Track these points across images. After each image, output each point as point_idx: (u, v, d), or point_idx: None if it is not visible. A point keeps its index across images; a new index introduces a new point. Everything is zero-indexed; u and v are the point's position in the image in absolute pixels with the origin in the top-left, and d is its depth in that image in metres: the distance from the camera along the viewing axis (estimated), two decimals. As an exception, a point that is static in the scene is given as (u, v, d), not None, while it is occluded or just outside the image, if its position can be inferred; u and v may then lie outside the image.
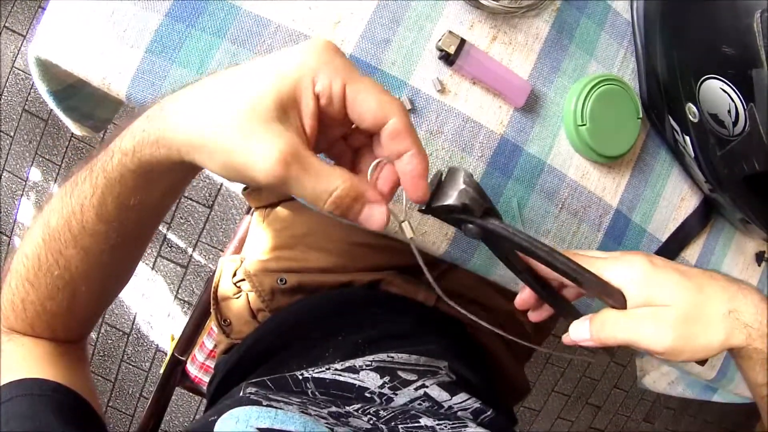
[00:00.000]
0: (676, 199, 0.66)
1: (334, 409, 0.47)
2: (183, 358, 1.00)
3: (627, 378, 2.14)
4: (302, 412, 0.42)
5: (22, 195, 1.61)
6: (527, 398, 2.01)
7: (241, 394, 0.46)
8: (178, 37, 0.49)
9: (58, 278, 0.44)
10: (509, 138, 0.56)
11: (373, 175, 0.36)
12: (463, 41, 0.51)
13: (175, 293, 1.67)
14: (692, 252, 0.69)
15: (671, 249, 0.67)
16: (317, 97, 0.33)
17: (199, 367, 1.01)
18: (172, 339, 1.02)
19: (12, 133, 1.59)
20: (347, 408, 0.49)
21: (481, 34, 0.54)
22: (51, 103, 0.57)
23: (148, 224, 0.46)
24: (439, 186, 0.38)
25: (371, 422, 0.47)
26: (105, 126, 0.77)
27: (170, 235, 1.64)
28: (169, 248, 1.64)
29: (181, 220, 1.64)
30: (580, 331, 0.46)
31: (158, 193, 0.41)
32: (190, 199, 1.62)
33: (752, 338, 0.45)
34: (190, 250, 1.65)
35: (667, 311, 0.44)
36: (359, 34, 0.52)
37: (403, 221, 0.38)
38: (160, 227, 1.63)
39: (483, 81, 0.53)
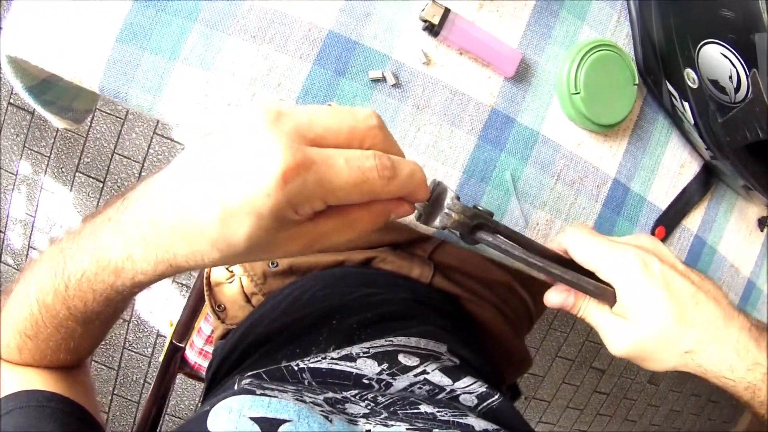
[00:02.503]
0: (675, 166, 0.64)
1: (330, 395, 0.47)
2: (181, 345, 1.00)
3: (630, 341, 2.15)
4: (297, 399, 0.41)
5: (13, 189, 1.59)
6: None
7: (236, 386, 0.45)
8: (148, 23, 0.46)
9: (60, 340, 0.44)
10: (500, 109, 0.54)
11: None
12: (447, 11, 0.48)
13: (172, 277, 1.66)
14: (693, 220, 0.67)
15: (671, 217, 0.65)
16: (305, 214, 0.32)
17: (198, 352, 1.01)
18: (171, 325, 1.02)
19: (-1, 129, 1.56)
20: (344, 393, 0.48)
21: (467, 1, 0.51)
22: (28, 99, 0.57)
23: None
24: (430, 201, 0.40)
25: (369, 407, 0.46)
26: (85, 117, 0.75)
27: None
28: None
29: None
30: (558, 300, 0.49)
31: None
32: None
33: (706, 376, 0.46)
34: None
35: (634, 328, 0.45)
36: (338, 8, 0.49)
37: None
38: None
39: (470, 51, 0.50)
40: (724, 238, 0.70)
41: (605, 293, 0.46)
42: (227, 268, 0.81)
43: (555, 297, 0.49)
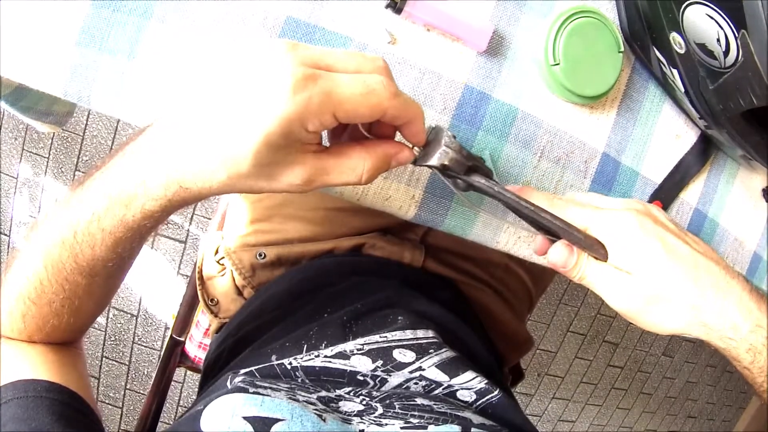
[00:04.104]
0: (669, 136, 0.61)
1: (323, 393, 0.46)
2: (181, 339, 0.99)
3: (643, 314, 2.12)
4: (290, 398, 0.41)
5: (15, 192, 1.59)
6: (543, 340, 2.00)
7: (228, 384, 0.44)
8: (104, 25, 0.45)
9: (64, 300, 0.44)
10: (474, 86, 0.51)
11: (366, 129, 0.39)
12: (410, -16, 0.46)
13: (177, 269, 1.66)
14: (693, 193, 0.64)
15: (668, 191, 0.62)
16: (314, 132, 0.34)
17: (198, 345, 1.00)
18: (173, 318, 1.01)
19: (-3, 133, 1.56)
20: (338, 391, 0.47)
21: (434, -27, 0.48)
22: (6, 107, 0.55)
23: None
24: (427, 143, 0.40)
25: (364, 403, 0.45)
26: (67, 119, 0.74)
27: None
28: (165, 225, 1.63)
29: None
30: (561, 257, 0.47)
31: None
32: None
33: (710, 336, 0.45)
34: (186, 224, 1.63)
35: (634, 282, 0.44)
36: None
37: (412, 146, 0.40)
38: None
39: (437, 27, 0.48)
40: (726, 210, 0.67)
41: (595, 246, 0.45)
42: (218, 261, 0.80)
43: (557, 254, 0.47)
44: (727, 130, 0.52)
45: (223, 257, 0.78)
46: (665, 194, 0.62)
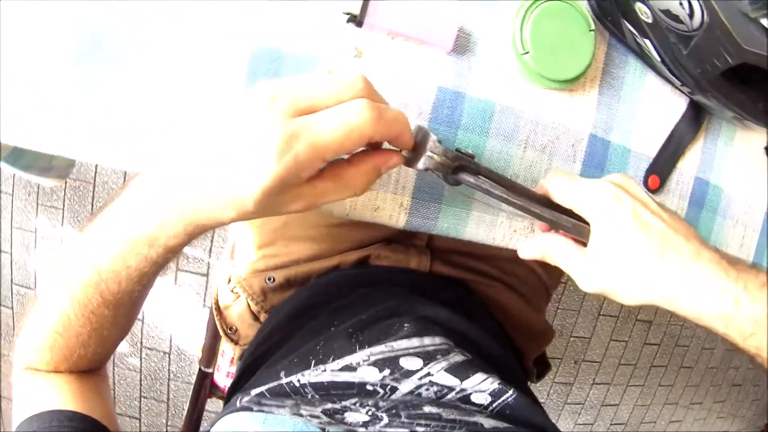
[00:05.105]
0: (657, 108, 0.60)
1: (329, 405, 0.46)
2: (209, 371, 1.00)
3: (673, 287, 2.08)
4: (294, 414, 0.41)
5: (35, 246, 1.63)
6: (575, 327, 1.98)
7: (237, 403, 0.45)
8: (85, 78, 0.46)
9: (91, 331, 0.46)
10: (447, 86, 0.51)
11: None
12: (366, -2, 0.46)
13: (203, 302, 1.68)
14: (690, 161, 0.62)
15: (664, 163, 0.61)
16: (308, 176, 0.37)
17: (226, 375, 1.01)
18: (202, 351, 1.03)
19: (10, 190, 1.61)
20: (344, 402, 0.47)
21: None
22: (7, 168, 0.57)
23: None
24: (415, 145, 0.42)
25: (370, 413, 0.45)
26: (69, 171, 0.76)
27: (185, 248, 1.65)
28: (186, 261, 1.65)
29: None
30: (529, 252, 0.52)
31: None
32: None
33: (676, 309, 0.46)
34: (206, 257, 1.66)
35: (602, 263, 0.46)
36: (257, 19, 0.47)
37: (401, 150, 0.42)
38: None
39: (401, 33, 0.48)
40: (730, 173, 0.65)
41: (583, 231, 0.47)
42: (231, 290, 0.81)
43: (525, 251, 0.52)
44: (711, 93, 0.52)
45: (235, 286, 0.79)
46: (661, 167, 0.61)
